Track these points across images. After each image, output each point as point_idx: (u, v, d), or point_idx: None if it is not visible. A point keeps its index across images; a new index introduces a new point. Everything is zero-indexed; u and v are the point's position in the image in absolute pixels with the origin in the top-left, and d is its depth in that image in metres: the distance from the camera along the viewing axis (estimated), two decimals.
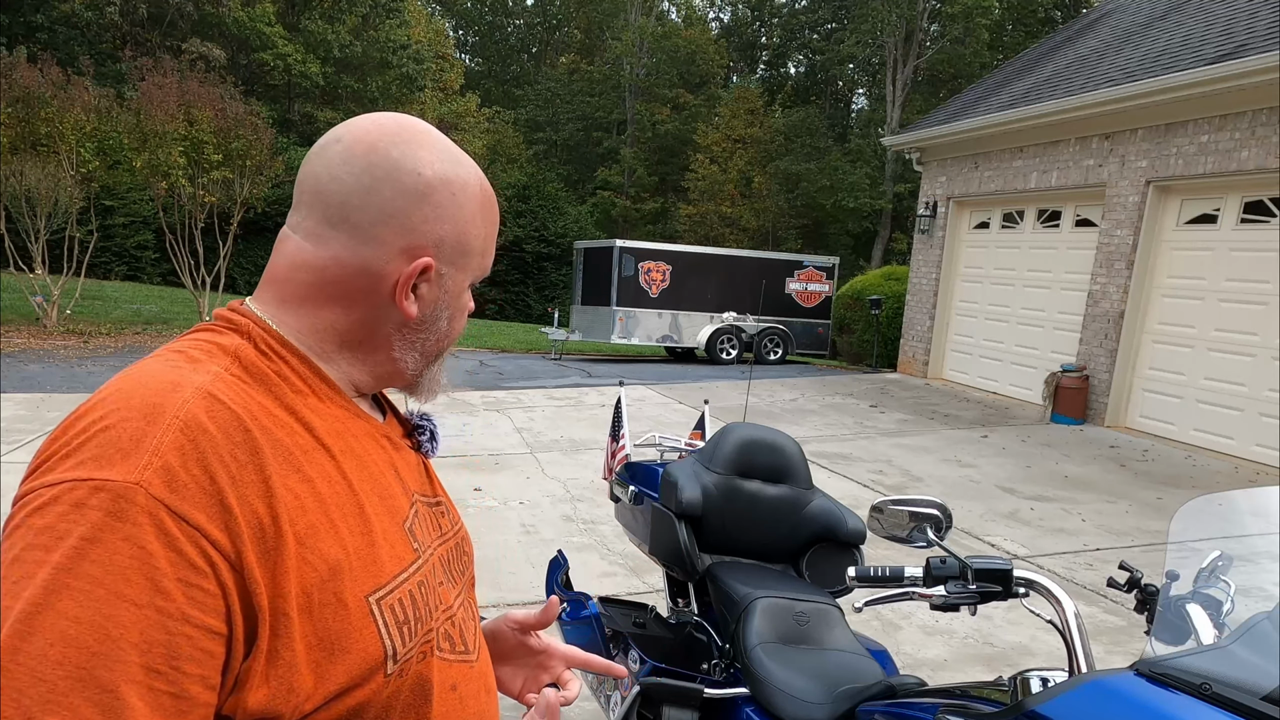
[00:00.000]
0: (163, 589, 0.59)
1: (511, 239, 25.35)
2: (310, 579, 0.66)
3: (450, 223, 0.79)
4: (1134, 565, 1.41)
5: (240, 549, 0.63)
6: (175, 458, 0.62)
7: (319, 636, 0.66)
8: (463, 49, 42.47)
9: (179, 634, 0.59)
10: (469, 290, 0.86)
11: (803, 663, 1.78)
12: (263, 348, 0.75)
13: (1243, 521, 1.24)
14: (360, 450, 0.78)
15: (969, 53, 27.75)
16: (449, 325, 0.85)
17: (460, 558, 0.92)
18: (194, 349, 0.73)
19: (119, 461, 0.61)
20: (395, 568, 0.74)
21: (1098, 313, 8.78)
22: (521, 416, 8.12)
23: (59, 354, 10.28)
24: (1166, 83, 7.80)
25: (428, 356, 0.85)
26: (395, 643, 0.71)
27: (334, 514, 0.70)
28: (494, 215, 0.85)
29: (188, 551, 0.60)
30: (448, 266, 0.80)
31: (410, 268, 0.77)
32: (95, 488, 0.60)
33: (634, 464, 2.72)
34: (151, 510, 0.60)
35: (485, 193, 0.83)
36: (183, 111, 12.44)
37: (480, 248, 0.83)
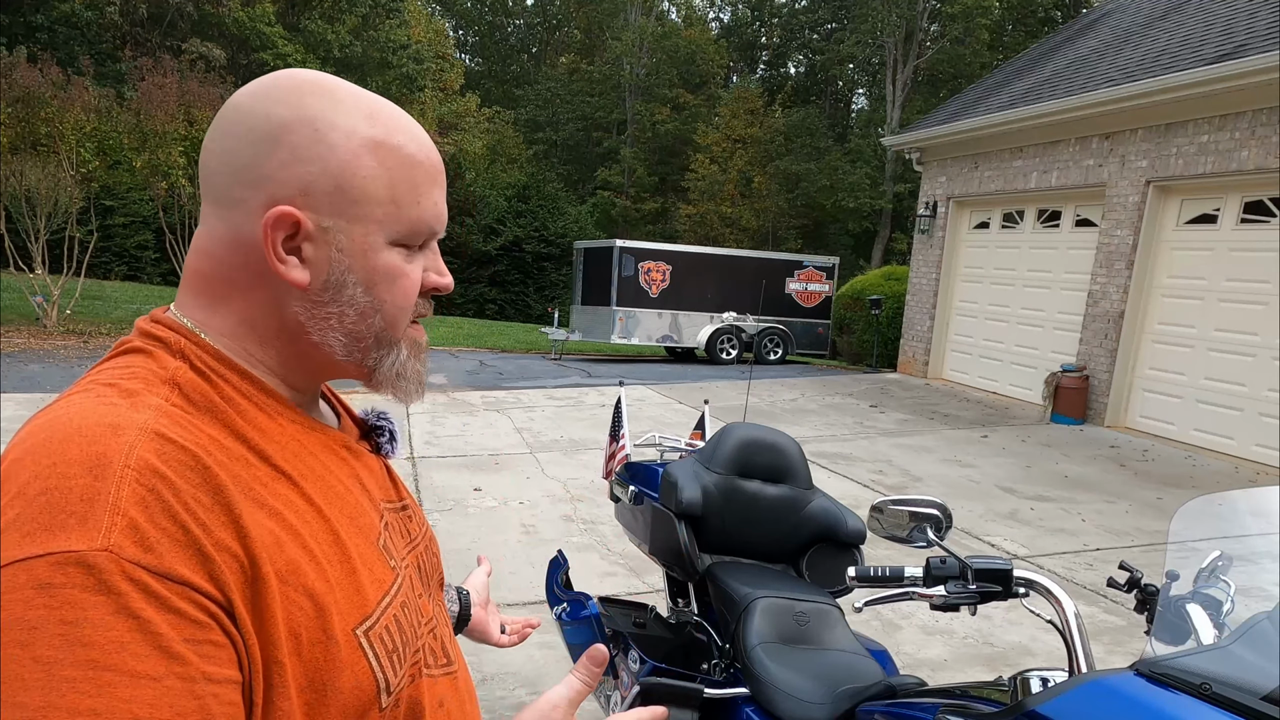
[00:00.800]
0: (175, 654, 0.53)
1: (511, 239, 25.36)
2: (298, 619, 0.61)
3: (316, 163, 0.66)
4: (1134, 565, 1.41)
5: (230, 596, 0.57)
6: (139, 513, 0.55)
7: (309, 679, 0.61)
8: (463, 49, 42.48)
9: (207, 695, 0.54)
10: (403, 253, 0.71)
11: (803, 663, 1.78)
12: (200, 367, 0.67)
13: (1243, 521, 1.24)
14: (321, 469, 0.71)
15: (969, 53, 27.75)
16: (368, 295, 0.70)
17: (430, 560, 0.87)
18: (126, 379, 0.64)
19: (75, 527, 0.53)
20: (378, 593, 0.69)
21: (1098, 313, 8.78)
22: (521, 416, 8.12)
23: (59, 354, 10.28)
24: (1166, 83, 7.81)
25: (358, 338, 0.72)
26: (388, 674, 0.66)
27: (310, 545, 0.64)
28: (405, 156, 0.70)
29: (184, 608, 0.54)
30: (331, 218, 0.67)
31: (264, 220, 0.66)
32: (57, 563, 0.52)
33: (634, 464, 2.72)
34: (130, 575, 0.53)
35: (382, 129, 0.69)
36: (183, 111, 12.46)
37: (383, 194, 0.68)
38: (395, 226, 0.70)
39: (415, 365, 0.77)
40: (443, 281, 0.76)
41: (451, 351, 13.80)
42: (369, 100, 0.71)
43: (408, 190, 0.70)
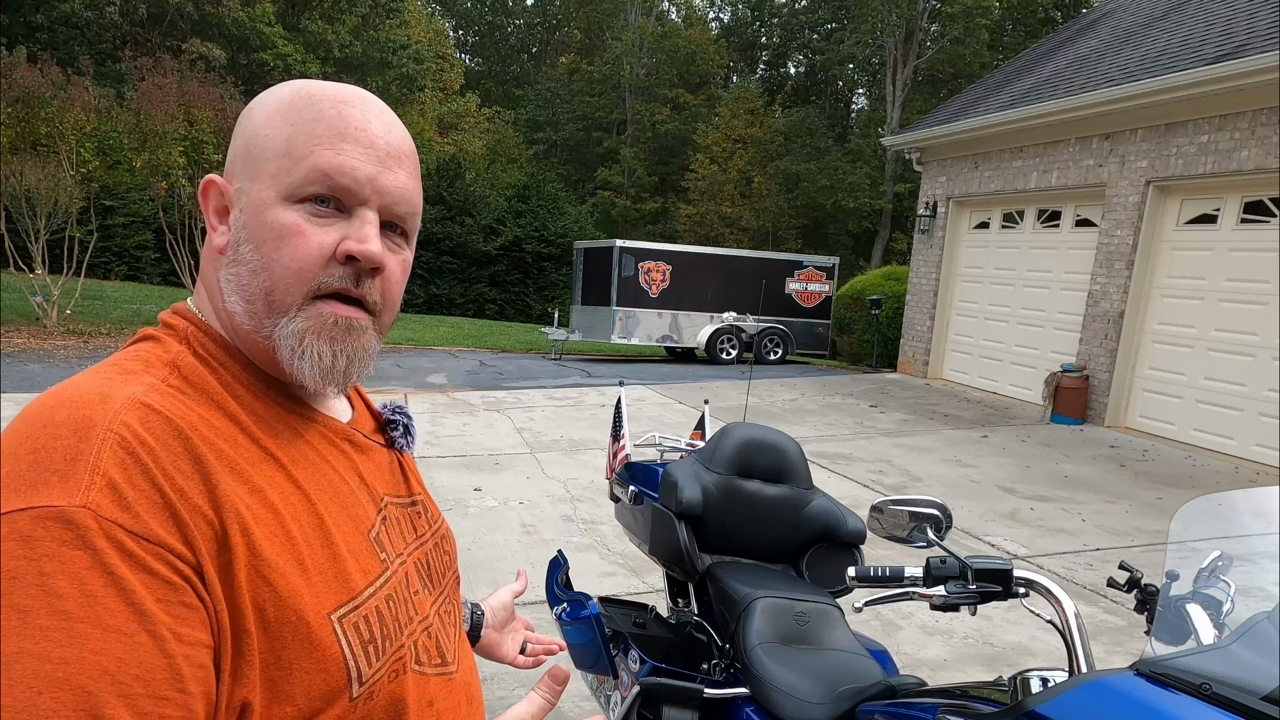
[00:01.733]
0: (146, 612, 0.54)
1: (511, 239, 25.35)
2: (265, 595, 0.61)
3: (240, 138, 0.72)
4: (1134, 565, 1.41)
5: (201, 561, 0.58)
6: (118, 473, 0.56)
7: (276, 656, 0.61)
8: (463, 49, 42.48)
9: (177, 655, 0.55)
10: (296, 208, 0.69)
11: (803, 663, 1.78)
12: (201, 353, 0.69)
13: (1243, 521, 1.24)
14: (315, 458, 0.72)
15: (969, 53, 27.74)
16: (258, 253, 0.68)
17: (441, 558, 0.86)
18: (129, 361, 0.67)
19: (57, 484, 0.55)
20: (362, 582, 0.68)
21: (1098, 313, 8.78)
22: (521, 416, 8.12)
23: (59, 354, 10.28)
24: (1166, 83, 7.81)
25: (249, 299, 0.69)
26: (360, 664, 0.65)
27: (290, 526, 0.65)
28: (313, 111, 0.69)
29: (158, 569, 0.56)
30: (241, 180, 0.70)
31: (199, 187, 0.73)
32: (38, 517, 0.54)
33: (634, 464, 2.72)
34: (108, 532, 0.54)
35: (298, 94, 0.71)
36: (183, 111, 12.47)
37: (280, 148, 0.69)
38: (286, 179, 0.68)
39: (320, 345, 0.70)
40: (359, 249, 0.69)
41: (451, 351, 13.80)
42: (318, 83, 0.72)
43: (304, 141, 0.68)
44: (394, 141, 0.72)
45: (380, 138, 0.71)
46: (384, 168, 0.71)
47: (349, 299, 0.71)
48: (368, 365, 0.74)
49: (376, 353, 0.76)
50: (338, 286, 0.70)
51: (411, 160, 0.75)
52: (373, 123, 0.71)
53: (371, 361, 0.75)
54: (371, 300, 0.72)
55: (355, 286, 0.71)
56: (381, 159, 0.70)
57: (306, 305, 0.69)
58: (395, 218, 0.73)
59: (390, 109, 0.75)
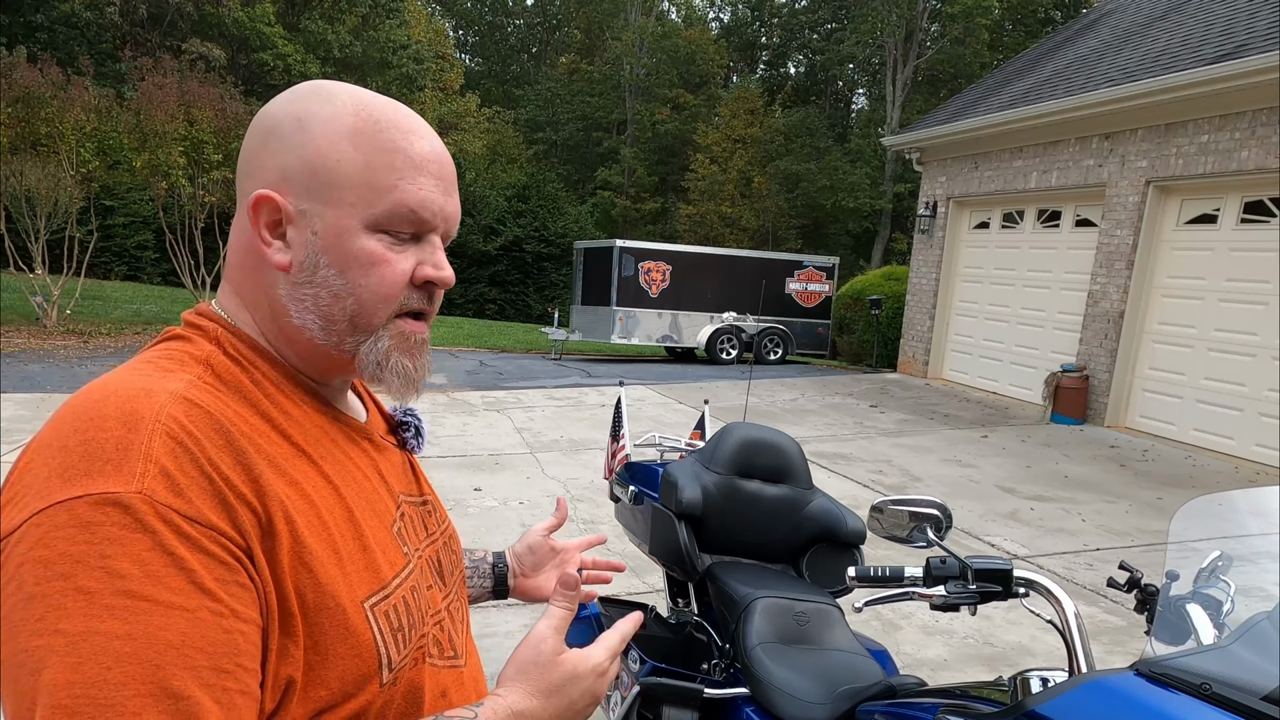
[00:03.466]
0: (207, 590, 0.58)
1: (511, 239, 25.35)
2: (306, 581, 0.64)
3: (295, 151, 0.70)
4: (1134, 565, 1.41)
5: (250, 545, 0.61)
6: (170, 461, 0.59)
7: (314, 640, 0.64)
8: (463, 49, 42.48)
9: (235, 631, 0.59)
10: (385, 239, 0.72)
11: (803, 663, 1.78)
12: (232, 353, 0.72)
13: (1243, 521, 1.24)
14: (341, 455, 0.75)
15: (969, 53, 27.75)
16: (341, 278, 0.71)
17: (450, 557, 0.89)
18: (164, 359, 0.70)
19: (112, 473, 0.58)
20: (389, 573, 0.72)
21: (1098, 313, 8.78)
22: (521, 416, 8.12)
23: (59, 354, 10.28)
24: (1166, 83, 7.80)
25: (332, 320, 0.73)
26: (391, 651, 0.69)
27: (325, 518, 0.68)
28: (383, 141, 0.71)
29: (214, 550, 0.59)
30: (308, 203, 0.70)
31: (248, 202, 0.71)
32: (95, 503, 0.56)
33: (634, 464, 2.72)
34: (164, 516, 0.57)
35: (363, 118, 0.71)
36: (183, 111, 12.45)
37: (358, 178, 0.70)
38: (370, 210, 0.71)
39: (402, 360, 0.76)
40: (438, 275, 0.75)
41: (451, 351, 13.79)
42: (365, 96, 0.73)
43: (385, 174, 0.71)
44: (449, 167, 0.77)
45: (445, 167, 0.76)
46: (449, 196, 0.76)
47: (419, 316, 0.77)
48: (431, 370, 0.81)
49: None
50: (416, 307, 0.76)
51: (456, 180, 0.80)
52: (437, 151, 0.75)
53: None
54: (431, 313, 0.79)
55: (429, 305, 0.78)
56: (447, 189, 0.76)
57: (389, 324, 0.75)
58: (448, 236, 0.78)
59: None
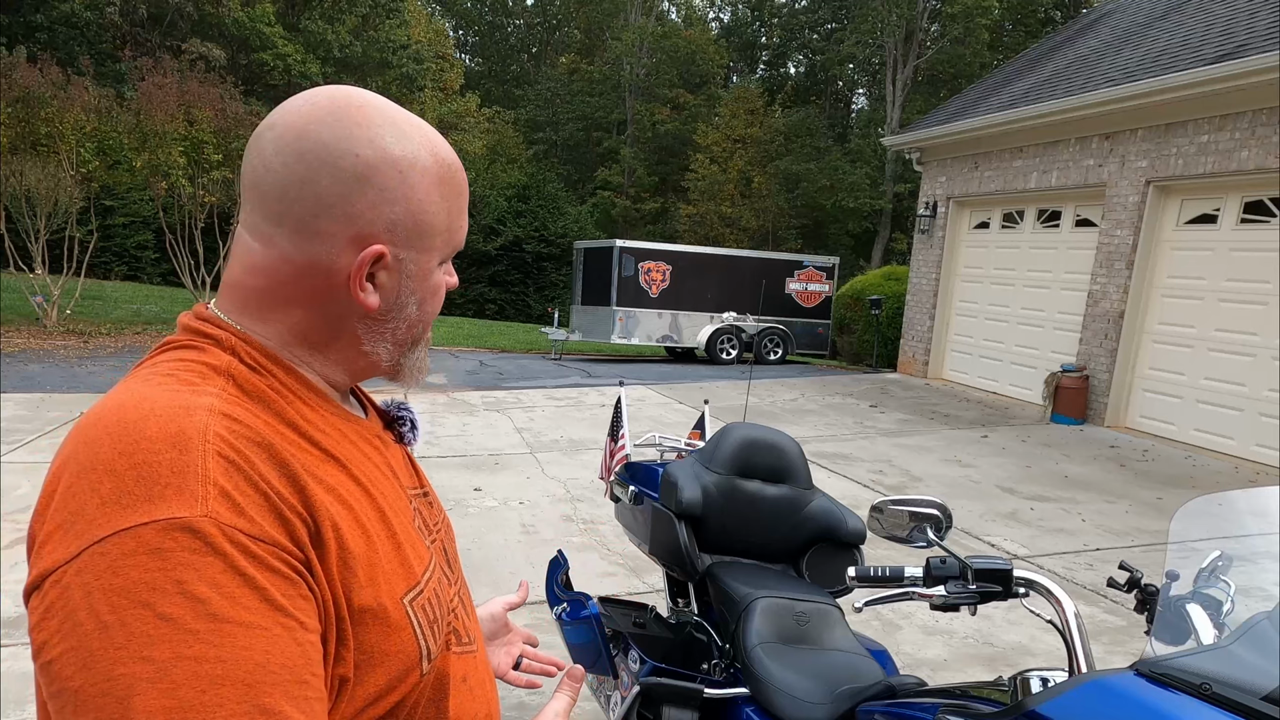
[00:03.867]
0: (279, 606, 0.59)
1: (511, 239, 25.34)
2: (353, 583, 0.67)
3: (401, 204, 0.72)
4: (1134, 565, 1.41)
5: (308, 555, 0.63)
6: (227, 482, 0.60)
7: (360, 640, 0.67)
8: (463, 49, 42.48)
9: (307, 643, 0.61)
10: (441, 268, 0.80)
11: (803, 663, 1.78)
12: (249, 362, 0.72)
13: (1243, 521, 1.24)
14: (360, 457, 0.77)
15: (969, 53, 27.74)
16: (419, 310, 0.79)
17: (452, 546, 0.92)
18: (183, 370, 0.69)
19: (173, 497, 0.58)
20: (420, 568, 0.75)
21: (1098, 313, 8.78)
22: (521, 416, 8.12)
23: (59, 354, 10.28)
24: (1166, 83, 7.80)
25: (401, 345, 0.79)
26: (429, 642, 0.72)
27: (363, 520, 0.70)
28: (457, 185, 0.77)
29: (278, 567, 0.60)
30: (406, 250, 0.74)
31: (360, 258, 0.71)
32: (164, 529, 0.57)
33: (634, 464, 2.72)
34: (231, 538, 0.58)
35: (441, 164, 0.75)
36: (183, 111, 12.45)
37: (443, 224, 0.76)
38: (446, 250, 0.79)
39: (425, 356, 0.84)
40: (454, 281, 0.84)
41: (451, 351, 13.79)
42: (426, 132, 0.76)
43: (456, 217, 0.79)
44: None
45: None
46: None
47: None
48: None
49: None
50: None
51: None
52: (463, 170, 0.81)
53: None
54: None
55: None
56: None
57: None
58: None
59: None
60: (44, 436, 6.19)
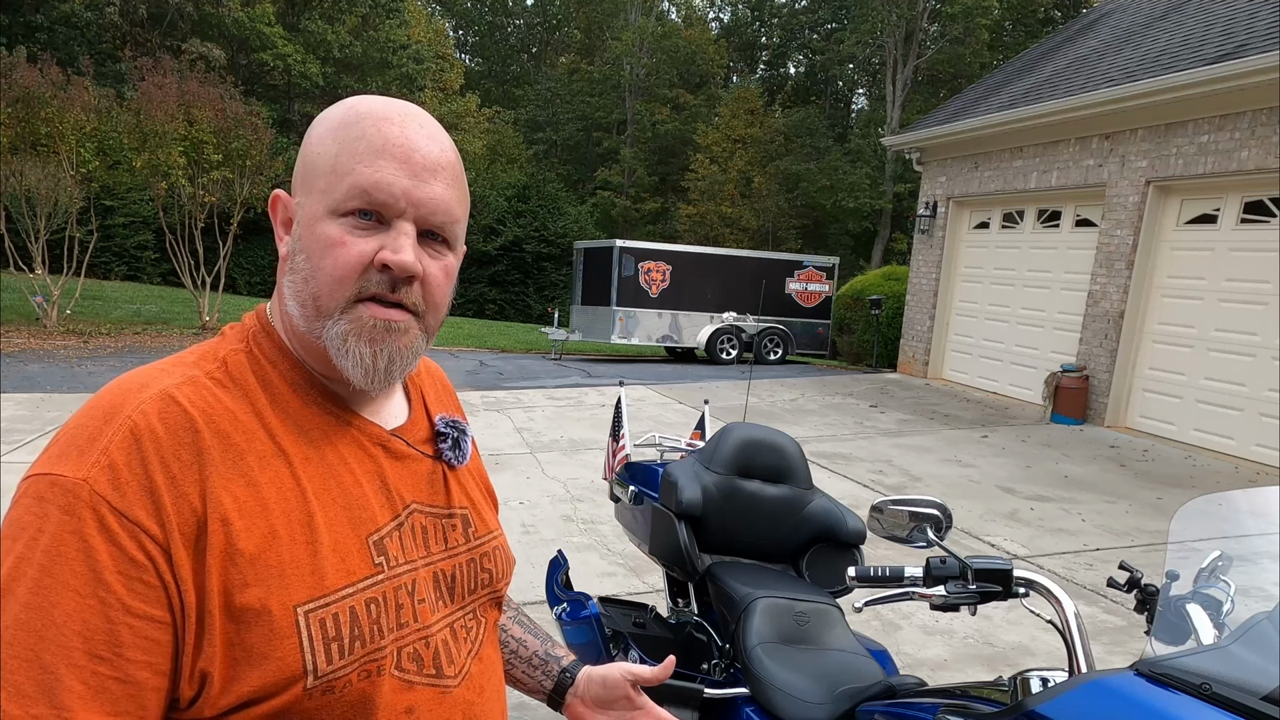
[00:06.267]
0: (104, 581, 0.62)
1: (511, 239, 25.35)
2: (235, 581, 0.67)
3: (300, 155, 0.78)
4: (1134, 565, 1.41)
5: (171, 544, 0.65)
6: (120, 456, 0.65)
7: (241, 637, 0.67)
8: (463, 49, 42.46)
9: (120, 623, 0.63)
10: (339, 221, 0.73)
11: (803, 663, 1.78)
12: (255, 352, 0.77)
13: (1243, 521, 1.24)
14: (334, 458, 0.76)
15: (969, 53, 27.74)
16: (309, 262, 0.74)
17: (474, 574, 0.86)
18: (191, 353, 0.77)
19: (74, 458, 0.65)
20: (339, 581, 0.71)
21: (1098, 313, 8.78)
22: (521, 416, 8.12)
23: (59, 354, 10.28)
24: (1166, 83, 7.80)
25: (302, 303, 0.75)
26: (318, 659, 0.69)
27: (275, 521, 0.69)
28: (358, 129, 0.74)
29: (127, 546, 0.63)
30: (301, 196, 0.76)
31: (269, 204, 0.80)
32: (51, 482, 0.64)
33: (634, 464, 2.72)
34: (94, 506, 0.63)
35: (350, 111, 0.75)
36: (182, 111, 12.44)
37: (327, 165, 0.74)
38: (332, 195, 0.73)
39: (359, 346, 0.74)
40: (393, 259, 0.73)
41: (451, 351, 13.79)
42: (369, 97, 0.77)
43: (347, 159, 0.73)
44: (431, 155, 0.76)
45: (417, 152, 0.75)
46: (419, 181, 0.74)
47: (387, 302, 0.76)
48: (411, 363, 0.79)
49: (421, 351, 0.81)
50: (374, 291, 0.75)
51: (450, 171, 0.78)
52: (411, 137, 0.75)
53: (415, 360, 0.80)
54: (411, 303, 0.77)
55: (392, 292, 0.75)
56: (416, 173, 0.74)
57: (349, 309, 0.74)
58: (433, 227, 0.77)
59: (434, 121, 0.79)
60: (44, 436, 6.19)
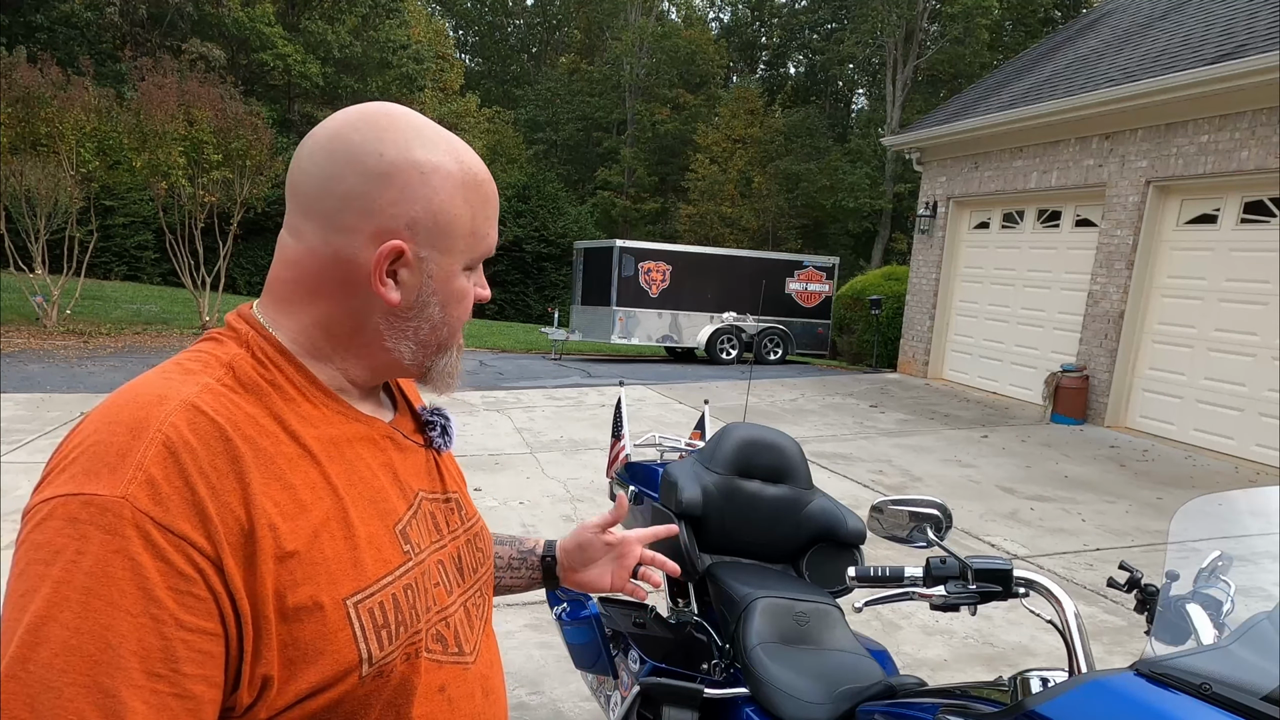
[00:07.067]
0: (155, 598, 0.62)
1: (511, 239, 25.34)
2: (286, 582, 0.68)
3: (421, 203, 0.76)
4: (1134, 565, 1.41)
5: (221, 555, 0.65)
6: (158, 470, 0.64)
7: (294, 637, 0.68)
8: (463, 49, 42.47)
9: (175, 639, 0.62)
10: (467, 274, 0.82)
11: (803, 663, 1.78)
12: (259, 356, 0.77)
13: (1243, 521, 1.24)
14: (352, 455, 0.78)
15: (969, 53, 27.74)
16: (443, 312, 0.82)
17: (473, 554, 0.91)
18: (192, 360, 0.76)
19: (106, 476, 0.64)
20: (379, 571, 0.74)
21: (1098, 313, 8.78)
22: (521, 416, 8.12)
23: (59, 354, 10.28)
24: (1166, 83, 7.80)
25: (425, 346, 0.83)
26: (371, 647, 0.72)
27: (315, 520, 0.71)
28: (483, 193, 0.81)
29: (175, 560, 0.63)
30: (427, 250, 0.78)
31: (379, 251, 0.75)
32: (85, 502, 0.63)
33: (634, 464, 2.72)
34: (138, 523, 0.62)
35: (466, 170, 0.79)
36: (183, 111, 12.44)
37: (466, 228, 0.79)
38: (470, 255, 0.81)
39: (458, 362, 0.88)
40: (485, 294, 0.87)
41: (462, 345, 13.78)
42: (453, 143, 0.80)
43: (483, 223, 0.81)
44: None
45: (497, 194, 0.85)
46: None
47: None
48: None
49: None
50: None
51: None
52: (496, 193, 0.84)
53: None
54: None
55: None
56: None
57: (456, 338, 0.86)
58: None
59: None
60: (44, 437, 6.19)
